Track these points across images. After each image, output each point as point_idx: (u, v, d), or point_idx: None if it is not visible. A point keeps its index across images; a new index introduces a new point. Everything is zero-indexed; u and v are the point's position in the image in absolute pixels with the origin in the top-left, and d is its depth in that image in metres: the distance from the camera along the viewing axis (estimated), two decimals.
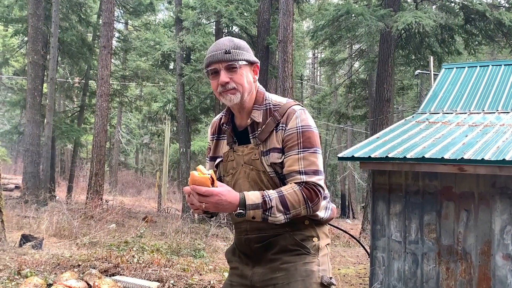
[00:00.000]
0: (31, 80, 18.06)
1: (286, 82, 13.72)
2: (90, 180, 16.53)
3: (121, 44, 24.36)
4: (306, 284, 2.10)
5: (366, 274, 10.04)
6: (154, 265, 6.70)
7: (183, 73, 19.34)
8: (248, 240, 2.20)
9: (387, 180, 8.43)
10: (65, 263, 6.87)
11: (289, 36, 14.08)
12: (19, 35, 22.08)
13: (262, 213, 2.00)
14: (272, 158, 2.11)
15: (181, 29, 19.37)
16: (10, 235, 10.06)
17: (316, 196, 2.07)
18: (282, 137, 2.12)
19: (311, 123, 2.15)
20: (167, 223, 14.83)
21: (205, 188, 1.89)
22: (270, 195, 2.01)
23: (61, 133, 20.67)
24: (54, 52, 18.60)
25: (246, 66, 2.14)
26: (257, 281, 2.17)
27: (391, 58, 16.99)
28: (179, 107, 20.62)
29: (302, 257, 2.14)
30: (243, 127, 2.21)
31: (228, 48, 2.10)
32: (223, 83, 2.10)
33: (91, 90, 23.50)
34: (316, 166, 2.11)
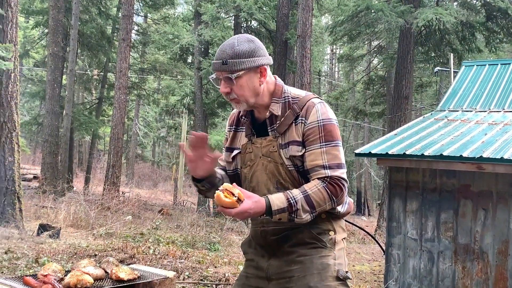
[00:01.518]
0: (50, 71, 18.24)
1: (304, 78, 13.66)
2: (107, 171, 16.68)
3: (140, 37, 24.48)
4: (322, 277, 2.09)
5: (381, 271, 9.99)
6: (169, 257, 6.76)
7: (201, 67, 19.37)
8: (265, 232, 2.20)
9: (404, 177, 8.36)
10: (82, 253, 6.96)
11: (308, 31, 14.02)
12: (39, 27, 22.29)
13: (288, 215, 2.01)
14: (292, 151, 2.11)
15: (199, 23, 19.40)
16: (28, 225, 10.21)
17: (340, 190, 2.07)
18: (303, 131, 2.11)
19: (331, 116, 2.14)
20: (183, 216, 14.92)
21: (234, 210, 1.93)
22: (295, 197, 2.01)
23: (80, 124, 20.86)
24: (73, 44, 18.75)
25: (247, 74, 2.09)
26: (273, 273, 2.17)
27: (410, 55, 16.82)
28: (197, 100, 20.67)
29: (318, 250, 2.14)
30: (262, 119, 2.21)
31: (226, 59, 2.07)
32: (223, 93, 2.12)
33: (109, 83, 23.66)
34: (339, 160, 2.10)
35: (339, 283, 2.13)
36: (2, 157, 9.74)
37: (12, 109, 9.86)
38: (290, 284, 2.12)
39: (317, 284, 2.08)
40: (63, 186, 17.00)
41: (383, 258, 10.31)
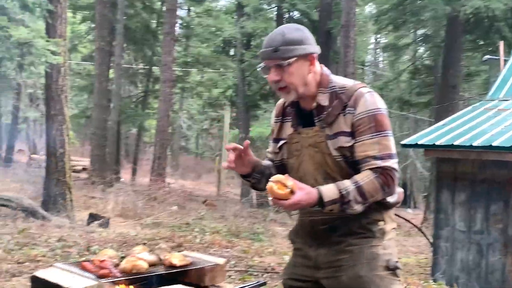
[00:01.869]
0: (98, 65, 18.70)
1: (348, 68, 13.53)
2: (153, 163, 17.01)
3: (184, 30, 24.72)
4: (371, 267, 2.09)
5: (427, 264, 9.83)
6: (215, 246, 6.87)
7: (243, 59, 19.45)
8: (313, 222, 2.20)
9: (452, 168, 8.19)
10: (131, 241, 7.16)
11: (352, 21, 13.85)
12: (86, 21, 22.83)
13: (339, 207, 2.01)
14: (340, 142, 2.09)
15: (242, 15, 19.45)
16: (78, 214, 10.54)
17: (392, 181, 2.06)
18: (352, 121, 2.08)
19: (380, 105, 2.12)
20: (226, 206, 15.07)
21: (287, 202, 1.94)
22: (347, 188, 2.00)
23: (126, 117, 21.31)
24: (120, 38, 19.15)
25: (297, 62, 2.09)
26: (321, 262, 2.17)
27: (458, 43, 16.40)
28: (239, 93, 20.77)
29: (368, 240, 2.13)
30: (309, 110, 2.20)
31: (277, 46, 2.06)
32: (272, 82, 2.12)
33: (154, 76, 24.03)
34: (390, 150, 2.08)
35: (389, 273, 2.11)
36: (53, 149, 10.08)
37: (62, 103, 10.18)
38: (339, 273, 2.11)
39: (367, 274, 2.07)
40: (111, 177, 17.43)
41: (429, 251, 10.13)
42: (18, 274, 5.06)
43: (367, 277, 2.07)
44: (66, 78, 10.39)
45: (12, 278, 4.92)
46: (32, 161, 21.76)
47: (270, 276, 5.78)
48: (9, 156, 22.10)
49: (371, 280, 2.07)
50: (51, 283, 2.19)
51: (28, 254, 5.86)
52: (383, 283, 2.08)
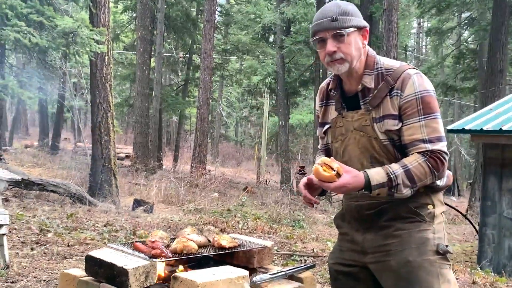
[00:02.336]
0: (140, 54, 18.96)
1: (390, 53, 13.27)
2: (194, 150, 17.20)
3: (223, 18, 24.78)
4: (421, 251, 2.04)
5: (473, 252, 9.64)
6: (258, 231, 6.90)
7: (283, 45, 19.34)
8: (359, 207, 2.17)
9: (500, 154, 7.98)
10: (175, 226, 7.28)
11: (395, 4, 13.56)
12: (128, 11, 23.16)
13: (387, 191, 1.98)
14: (388, 125, 2.05)
15: (282, 1, 19.32)
16: (123, 200, 10.77)
17: (442, 164, 2.01)
18: (399, 104, 2.04)
19: (429, 87, 2.06)
20: (267, 194, 15.12)
21: (333, 184, 1.93)
22: (395, 171, 1.97)
23: (168, 105, 21.59)
24: (161, 27, 19.36)
25: (354, 33, 2.06)
26: (369, 246, 2.14)
27: (505, 26, 15.83)
28: (279, 80, 20.70)
29: (417, 224, 2.08)
30: (353, 92, 2.16)
31: (335, 15, 2.02)
32: (330, 52, 2.06)
33: (194, 64, 24.23)
34: (439, 133, 2.03)
35: (439, 257, 2.07)
36: (99, 136, 10.30)
37: (107, 91, 10.37)
38: (387, 257, 2.08)
39: (416, 258, 2.03)
40: (154, 164, 17.75)
41: (475, 239, 9.93)
42: (69, 256, 5.22)
43: (416, 262, 2.03)
44: (110, 66, 10.57)
45: (63, 260, 5.08)
46: (78, 148, 22.35)
47: (314, 261, 5.78)
48: (55, 144, 22.76)
49: (421, 265, 2.03)
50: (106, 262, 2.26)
51: (77, 238, 6.03)
52: (433, 268, 2.04)
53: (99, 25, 10.21)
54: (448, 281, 2.07)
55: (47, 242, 5.69)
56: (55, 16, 9.71)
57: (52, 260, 5.01)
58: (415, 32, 38.54)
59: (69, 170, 13.64)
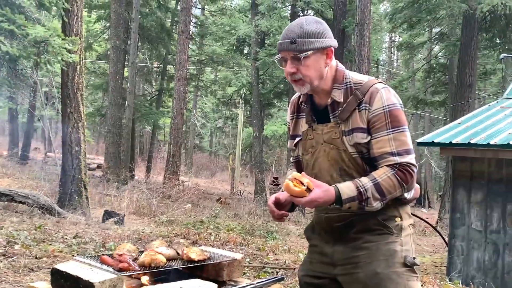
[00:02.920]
0: (113, 64, 18.80)
1: (362, 66, 13.46)
2: (168, 161, 17.09)
3: (198, 29, 24.79)
4: (389, 263, 2.07)
5: (442, 264, 9.77)
6: (230, 243, 6.87)
7: (257, 57, 19.43)
8: (329, 219, 2.19)
9: (468, 167, 8.14)
10: (146, 238, 7.20)
11: (367, 19, 13.79)
12: (101, 20, 22.97)
13: (358, 204, 2.01)
14: (357, 138, 2.08)
15: (256, 14, 19.43)
16: (93, 211, 10.62)
17: (410, 176, 2.05)
18: (367, 118, 2.07)
19: (396, 101, 2.10)
20: (240, 205, 15.09)
21: (304, 199, 1.95)
22: (365, 185, 2.00)
23: (141, 115, 21.42)
24: (134, 37, 19.24)
25: (314, 55, 2.08)
26: (338, 259, 2.16)
27: (474, 41, 16.23)
28: (253, 91, 20.77)
29: (385, 236, 2.11)
30: (323, 106, 2.18)
31: (295, 38, 2.05)
32: (289, 73, 2.10)
33: (169, 74, 24.14)
34: (407, 145, 2.07)
35: (407, 269, 2.09)
36: (69, 146, 10.15)
37: (78, 100, 10.24)
38: (356, 270, 2.10)
39: (384, 270, 2.05)
40: (126, 175, 17.55)
41: (444, 250, 10.07)
42: (36, 269, 5.12)
43: (384, 274, 2.05)
44: (82, 76, 10.45)
45: (30, 272, 4.98)
46: (48, 158, 21.98)
47: (286, 273, 5.78)
48: (25, 154, 22.33)
49: (388, 277, 2.05)
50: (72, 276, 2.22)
51: (45, 250, 5.92)
52: (401, 280, 2.06)
53: (71, 34, 10.10)
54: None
55: (14, 254, 5.56)
56: (27, 25, 9.56)
57: (19, 273, 4.91)
58: (387, 47, 39.17)
59: (38, 181, 13.40)
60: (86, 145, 10.69)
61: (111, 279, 2.16)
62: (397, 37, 34.26)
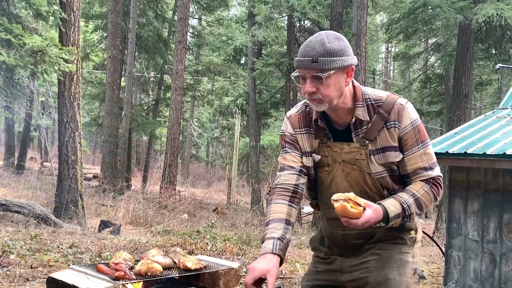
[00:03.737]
0: (110, 74, 18.82)
1: (358, 76, 13.51)
2: (164, 171, 17.05)
3: (195, 39, 24.88)
4: (400, 271, 2.07)
5: (439, 274, 9.75)
6: (227, 253, 6.85)
7: (254, 67, 19.49)
8: (346, 236, 2.18)
9: (465, 177, 8.15)
10: (142, 248, 7.16)
11: (363, 30, 13.87)
12: (99, 30, 23.03)
13: (401, 220, 2.04)
14: (390, 158, 2.07)
15: (253, 24, 19.51)
16: (89, 221, 10.58)
17: (440, 188, 2.10)
18: (398, 135, 2.06)
19: (417, 115, 2.11)
20: (237, 215, 15.06)
21: (361, 221, 1.90)
22: (407, 201, 2.02)
23: (138, 125, 21.41)
24: (132, 47, 19.29)
25: (336, 74, 1.99)
26: (347, 266, 2.16)
27: (470, 52, 16.33)
28: (250, 101, 20.81)
29: (398, 246, 2.13)
30: (342, 123, 2.12)
31: (316, 56, 1.95)
32: (308, 93, 2.01)
33: (166, 84, 24.18)
34: (434, 158, 2.11)
35: (415, 281, 2.11)
36: (66, 156, 10.14)
37: (75, 110, 10.24)
38: (365, 274, 2.09)
39: (395, 277, 2.05)
40: (122, 185, 17.50)
41: (441, 261, 10.05)
42: (32, 278, 5.09)
43: (395, 281, 2.04)
44: (79, 86, 10.46)
45: (25, 282, 4.95)
46: (44, 168, 21.91)
47: (282, 283, 5.75)
48: (21, 163, 22.27)
49: (400, 284, 2.04)
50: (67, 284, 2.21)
51: (41, 260, 5.88)
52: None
53: (68, 44, 10.12)
54: None
55: (10, 264, 5.53)
56: (24, 34, 9.58)
57: (14, 283, 4.87)
58: (383, 57, 39.38)
59: (34, 190, 13.34)
60: (82, 154, 10.68)
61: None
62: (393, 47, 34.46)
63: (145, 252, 2.59)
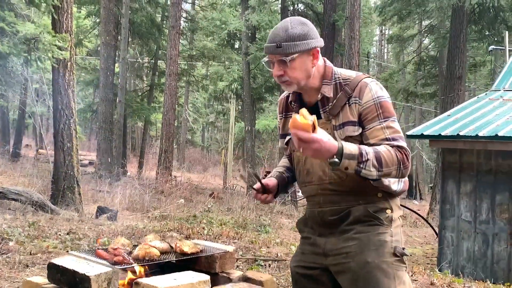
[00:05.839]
0: (103, 60, 18.75)
1: (352, 60, 13.54)
2: (160, 156, 17.10)
3: (188, 24, 24.75)
4: (379, 253, 2.12)
5: (433, 254, 9.89)
6: (223, 237, 6.94)
7: (248, 52, 19.47)
8: (322, 213, 2.24)
9: (457, 159, 8.24)
10: (140, 234, 7.24)
11: (357, 13, 13.86)
12: (91, 16, 22.88)
13: (356, 165, 1.97)
14: (348, 132, 2.13)
15: (246, 8, 19.45)
16: (86, 208, 10.62)
17: (407, 159, 2.07)
18: (359, 111, 2.12)
19: (385, 94, 2.16)
20: (233, 199, 15.13)
21: (307, 134, 1.85)
22: (366, 149, 2.00)
23: (132, 111, 21.40)
24: (125, 32, 19.20)
25: (300, 57, 2.11)
26: (330, 249, 2.21)
27: (463, 33, 16.36)
28: (244, 86, 20.81)
29: (375, 227, 2.16)
30: (313, 103, 2.23)
31: (280, 42, 2.08)
32: (275, 76, 2.15)
33: (160, 70, 24.10)
34: (400, 133, 2.13)
35: (396, 259, 2.15)
36: (61, 143, 10.15)
37: (69, 97, 10.23)
38: (347, 259, 2.15)
39: (374, 260, 2.11)
40: (118, 171, 17.53)
41: (435, 241, 10.20)
42: (31, 265, 5.15)
43: (374, 263, 2.11)
44: (73, 72, 10.44)
45: (25, 268, 5.01)
46: (40, 155, 21.92)
47: (278, 265, 5.85)
48: (16, 151, 22.26)
49: (379, 266, 2.11)
50: (68, 270, 2.27)
51: (39, 246, 5.95)
52: (390, 269, 2.12)
53: (61, 31, 10.08)
54: (403, 283, 2.16)
55: (9, 250, 5.59)
56: (17, 22, 9.54)
57: (14, 269, 4.94)
58: (377, 40, 39.30)
59: (31, 178, 13.37)
60: (78, 141, 10.70)
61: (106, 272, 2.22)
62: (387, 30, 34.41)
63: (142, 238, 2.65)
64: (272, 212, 13.39)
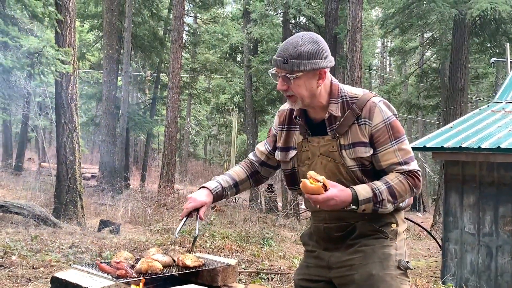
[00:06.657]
0: (106, 73, 18.83)
1: (354, 72, 13.57)
2: (162, 169, 17.09)
3: (191, 37, 24.88)
4: (383, 266, 2.13)
5: (437, 267, 9.84)
6: (225, 250, 6.92)
7: (250, 64, 19.54)
8: (328, 229, 2.25)
9: (460, 171, 8.23)
10: (142, 247, 7.23)
11: (358, 25, 13.92)
12: (94, 30, 23.03)
13: (373, 206, 2.05)
14: (359, 153, 2.13)
15: (248, 21, 19.55)
16: (89, 221, 10.62)
17: (418, 181, 2.13)
18: (370, 133, 2.12)
19: (392, 113, 2.17)
20: (236, 212, 15.10)
21: (321, 196, 1.96)
22: (379, 188, 2.05)
23: (135, 124, 21.43)
24: (127, 46, 19.30)
25: (306, 75, 2.09)
26: (334, 262, 2.22)
27: (465, 46, 16.41)
28: (247, 98, 20.86)
29: (380, 240, 2.18)
30: (318, 120, 2.22)
31: (287, 58, 2.07)
32: (280, 90, 2.16)
33: (162, 83, 24.20)
34: (410, 153, 2.15)
35: (400, 272, 2.16)
36: (64, 156, 10.18)
37: (72, 110, 10.28)
38: (351, 271, 2.16)
39: (379, 272, 2.12)
40: (121, 184, 17.54)
41: (439, 254, 10.14)
42: (34, 279, 5.15)
43: (378, 276, 2.12)
44: (76, 86, 10.49)
45: (28, 282, 5.01)
46: (42, 169, 21.93)
47: (280, 278, 5.83)
48: (19, 164, 22.30)
49: (383, 278, 2.12)
50: (71, 283, 2.27)
51: (42, 260, 5.94)
52: (394, 282, 2.13)
53: (64, 45, 10.15)
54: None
55: (12, 264, 5.59)
56: (20, 36, 9.60)
57: (16, 283, 4.94)
58: (379, 52, 39.43)
59: (33, 191, 13.38)
60: (80, 154, 10.72)
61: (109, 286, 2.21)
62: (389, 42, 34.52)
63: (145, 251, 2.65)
64: (275, 225, 13.36)
